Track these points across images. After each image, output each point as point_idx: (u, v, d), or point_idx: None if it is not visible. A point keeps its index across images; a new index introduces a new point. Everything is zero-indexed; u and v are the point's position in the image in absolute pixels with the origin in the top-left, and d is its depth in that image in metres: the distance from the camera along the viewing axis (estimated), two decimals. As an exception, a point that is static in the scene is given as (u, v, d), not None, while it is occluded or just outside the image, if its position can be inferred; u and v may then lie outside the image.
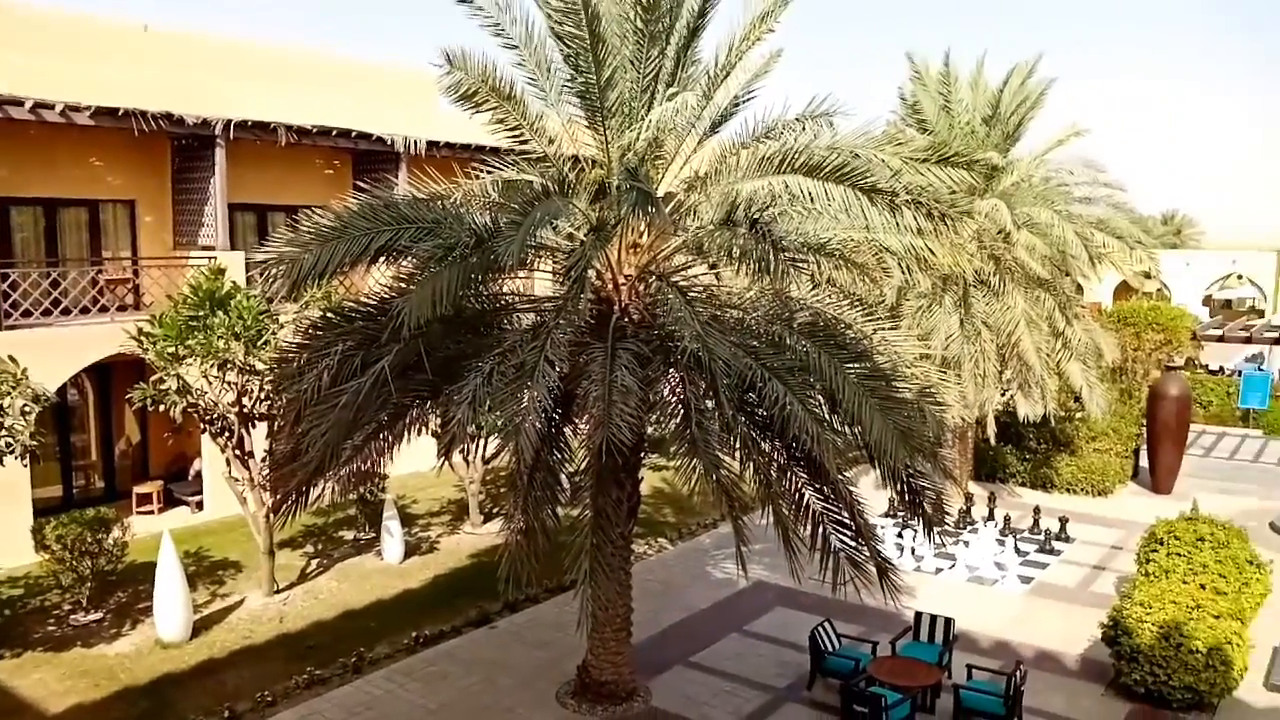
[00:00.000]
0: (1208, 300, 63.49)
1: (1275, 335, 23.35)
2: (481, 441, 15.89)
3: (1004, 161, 18.66)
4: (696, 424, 8.58)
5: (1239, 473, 23.95)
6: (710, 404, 9.02)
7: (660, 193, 9.89)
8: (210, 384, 13.59)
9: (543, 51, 9.96)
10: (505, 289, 10.75)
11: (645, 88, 9.80)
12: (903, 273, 10.55)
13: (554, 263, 10.13)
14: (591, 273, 9.20)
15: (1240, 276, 62.84)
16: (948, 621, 12.40)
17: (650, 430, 9.97)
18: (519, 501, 8.88)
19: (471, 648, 13.19)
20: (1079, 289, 20.89)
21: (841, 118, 9.91)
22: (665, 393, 9.56)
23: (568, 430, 9.99)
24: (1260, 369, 34.40)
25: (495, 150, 11.08)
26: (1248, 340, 24.32)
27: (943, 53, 19.27)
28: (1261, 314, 55.59)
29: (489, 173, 9.93)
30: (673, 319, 8.90)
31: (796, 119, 9.90)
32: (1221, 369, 35.02)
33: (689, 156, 10.49)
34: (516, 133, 10.18)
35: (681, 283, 9.89)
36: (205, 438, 15.90)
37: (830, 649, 12.00)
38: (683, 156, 10.43)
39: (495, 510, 18.68)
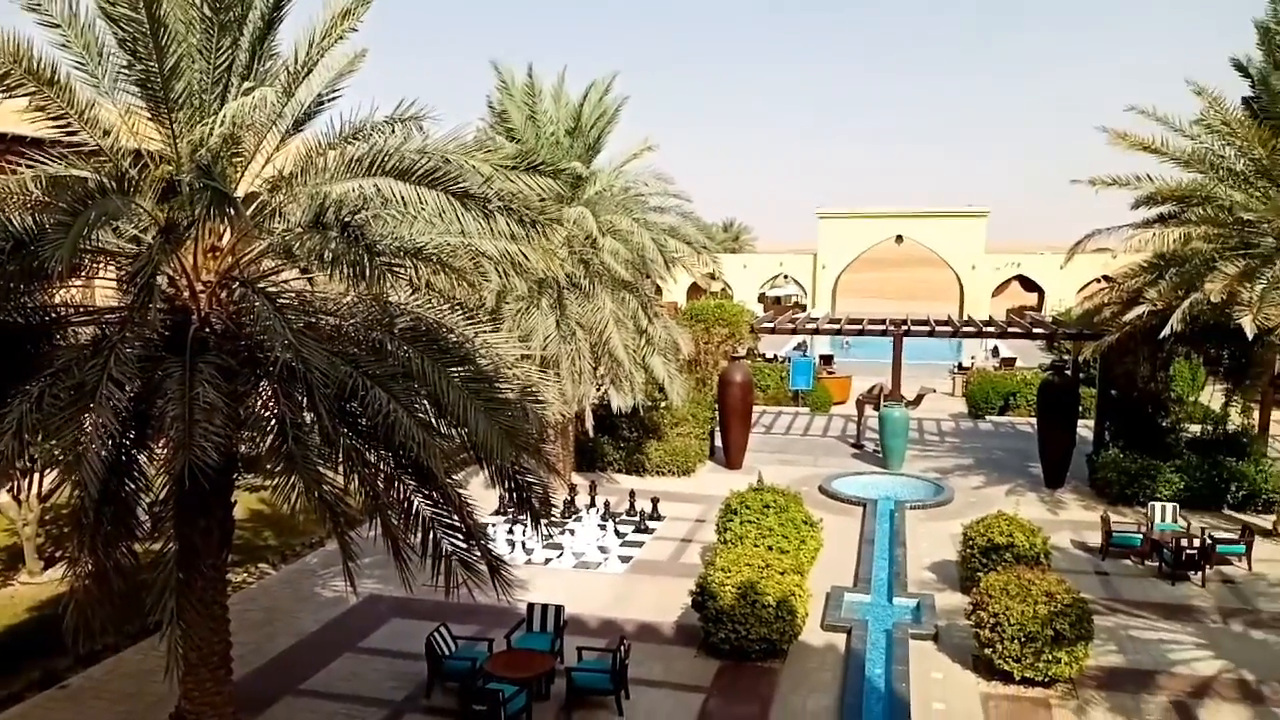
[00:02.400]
0: (762, 297, 72.45)
1: (814, 326, 27.19)
2: (37, 476, 13.74)
3: (587, 172, 19.83)
4: (293, 439, 8.10)
5: (793, 445, 27.67)
6: (309, 417, 8.58)
7: (241, 193, 9.21)
8: None
9: (93, 33, 8.82)
10: (58, 300, 9.38)
11: (218, 80, 9.07)
12: (500, 277, 10.80)
13: (118, 269, 9.03)
14: (162, 279, 8.33)
15: (786, 276, 72.46)
16: (558, 609, 12.94)
17: (243, 449, 9.26)
18: (86, 541, 7.82)
19: (39, 714, 11.39)
20: (658, 290, 22.82)
21: (432, 122, 9.87)
22: (257, 407, 8.93)
23: (144, 456, 8.96)
24: (805, 355, 40.00)
25: (39, 142, 9.61)
26: (794, 331, 28.09)
27: (527, 65, 20.07)
28: (804, 308, 64.64)
29: (30, 168, 8.60)
30: (261, 328, 8.32)
31: (386, 121, 9.71)
32: (775, 357, 40.12)
33: (271, 155, 9.88)
34: (62, 122, 8.91)
35: (270, 289, 9.27)
36: None
37: (447, 652, 11.99)
38: (265, 155, 9.80)
39: (58, 554, 16.22)
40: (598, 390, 19.75)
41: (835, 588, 15.31)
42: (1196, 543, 16.04)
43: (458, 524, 9.70)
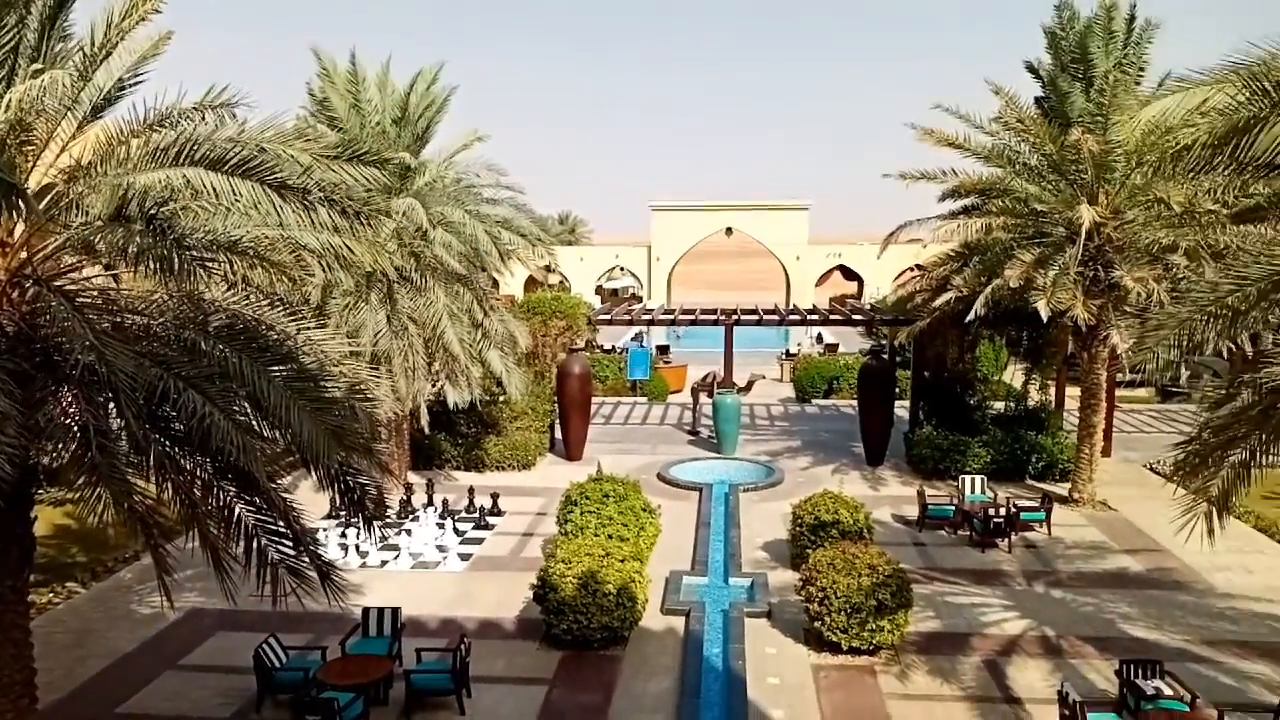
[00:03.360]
0: (599, 289, 72.97)
1: (650, 317, 27.61)
2: None
3: (416, 162, 19.40)
4: (98, 447, 7.56)
5: (632, 434, 28.04)
6: (117, 423, 8.04)
7: (32, 184, 8.53)
8: None
9: None
10: None
11: (1, 62, 8.35)
12: (324, 271, 10.45)
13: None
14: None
15: (623, 268, 73.24)
16: (394, 612, 12.65)
17: (45, 460, 8.58)
18: None
19: None
20: (495, 283, 22.56)
21: (247, 109, 9.41)
22: (58, 414, 8.28)
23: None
24: (642, 346, 40.58)
25: None
26: (630, 322, 28.42)
27: (350, 51, 19.40)
28: (641, 299, 65.52)
29: None
30: (59, 329, 7.74)
31: (195, 107, 9.17)
32: (614, 348, 40.52)
33: (68, 144, 9.18)
34: None
35: (69, 287, 8.63)
36: None
37: (278, 664, 11.51)
38: (60, 143, 9.09)
39: None
40: (433, 386, 19.38)
41: (674, 572, 15.64)
42: (1003, 512, 17.32)
43: (284, 530, 9.32)
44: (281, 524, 9.39)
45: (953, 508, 18.35)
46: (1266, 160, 8.80)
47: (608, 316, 27.75)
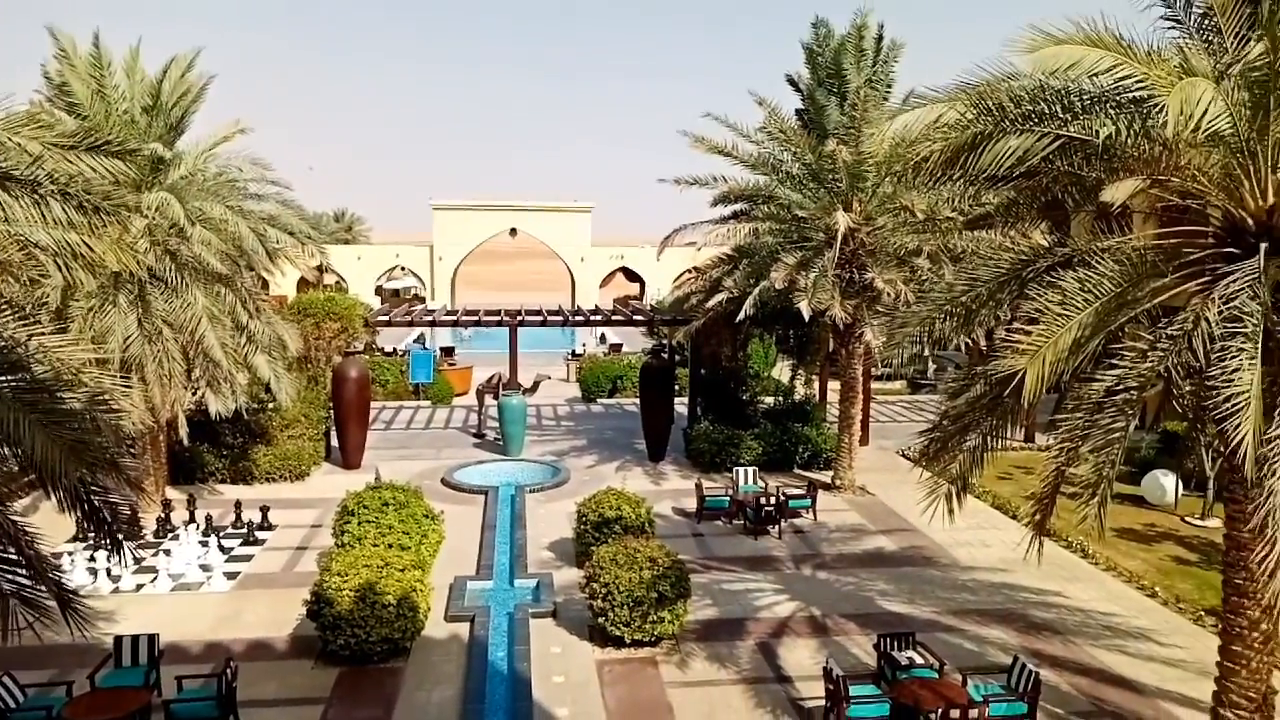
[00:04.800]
0: (379, 290, 70.70)
1: (432, 319, 27.04)
2: None
3: (170, 154, 18.03)
4: None
5: (415, 439, 27.38)
6: None
7: None
8: None
9: None
10: None
11: None
12: (60, 271, 9.50)
13: None
14: None
15: (404, 268, 71.33)
16: (151, 639, 11.70)
17: None
18: None
19: None
20: (265, 284, 21.37)
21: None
22: None
23: None
24: (425, 348, 39.67)
25: None
26: (410, 323, 27.71)
27: (93, 33, 17.75)
28: (423, 300, 64.08)
29: None
30: None
31: (-105, 87, 8.14)
32: (395, 350, 39.39)
33: None
34: None
35: None
36: None
37: (14, 704, 10.39)
38: None
39: None
40: (193, 394, 18.07)
41: (459, 578, 15.41)
42: (773, 501, 18.29)
43: (16, 557, 8.43)
44: (13, 550, 8.48)
45: (728, 499, 19.17)
46: (992, 173, 9.78)
47: (387, 318, 26.93)
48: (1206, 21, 9.01)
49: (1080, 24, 8.47)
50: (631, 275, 74.38)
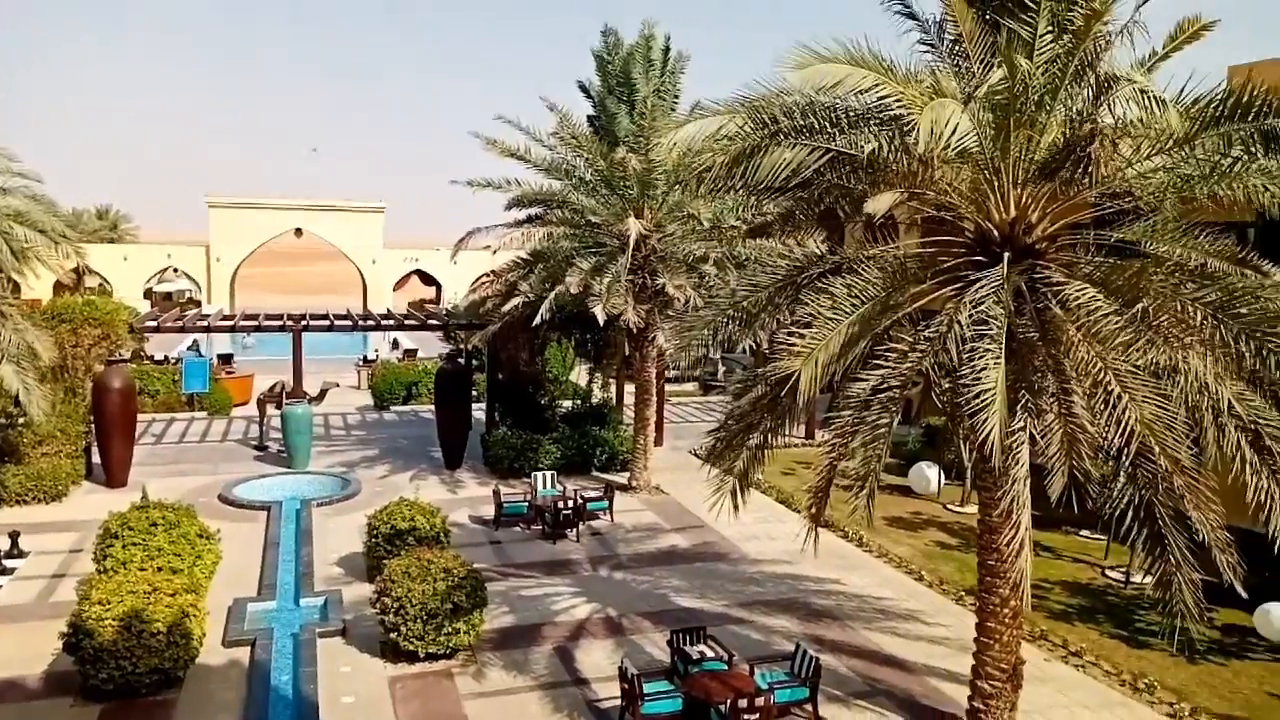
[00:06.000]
0: (149, 293, 65.65)
1: (206, 324, 25.37)
2: None
3: (-109, 140, 16.01)
4: None
5: (188, 453, 25.57)
6: None
7: None
8: None
9: None
10: None
11: None
12: None
13: None
14: None
15: (177, 270, 66.62)
16: None
17: None
18: None
19: None
20: (15, 287, 19.34)
21: None
22: None
23: None
24: (200, 355, 37.12)
25: None
26: (182, 329, 25.89)
27: None
28: (199, 304, 60.00)
29: None
30: None
31: None
32: (167, 358, 36.64)
33: None
34: None
35: None
36: None
37: None
38: None
39: None
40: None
41: (238, 600, 14.53)
42: (571, 504, 18.39)
43: None
44: None
45: (526, 504, 19.10)
46: (770, 183, 10.26)
47: (155, 323, 25.03)
48: (957, 47, 9.85)
49: (846, 44, 9.03)
50: (428, 279, 72.82)
